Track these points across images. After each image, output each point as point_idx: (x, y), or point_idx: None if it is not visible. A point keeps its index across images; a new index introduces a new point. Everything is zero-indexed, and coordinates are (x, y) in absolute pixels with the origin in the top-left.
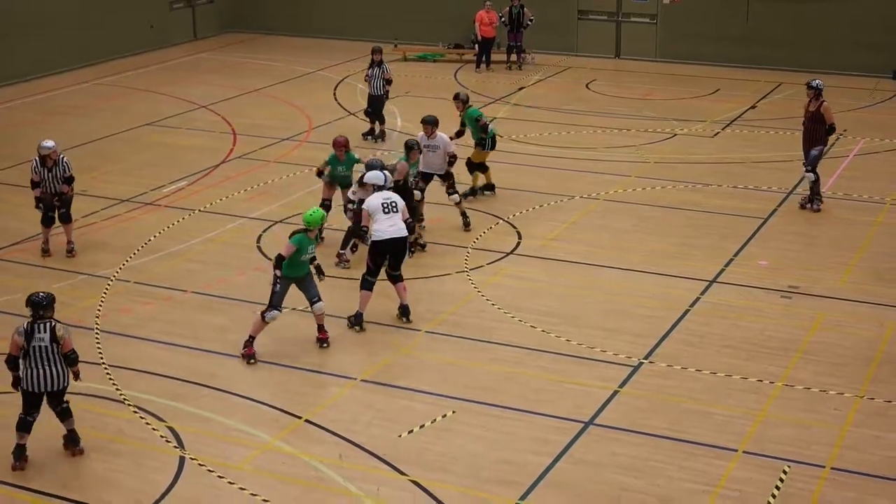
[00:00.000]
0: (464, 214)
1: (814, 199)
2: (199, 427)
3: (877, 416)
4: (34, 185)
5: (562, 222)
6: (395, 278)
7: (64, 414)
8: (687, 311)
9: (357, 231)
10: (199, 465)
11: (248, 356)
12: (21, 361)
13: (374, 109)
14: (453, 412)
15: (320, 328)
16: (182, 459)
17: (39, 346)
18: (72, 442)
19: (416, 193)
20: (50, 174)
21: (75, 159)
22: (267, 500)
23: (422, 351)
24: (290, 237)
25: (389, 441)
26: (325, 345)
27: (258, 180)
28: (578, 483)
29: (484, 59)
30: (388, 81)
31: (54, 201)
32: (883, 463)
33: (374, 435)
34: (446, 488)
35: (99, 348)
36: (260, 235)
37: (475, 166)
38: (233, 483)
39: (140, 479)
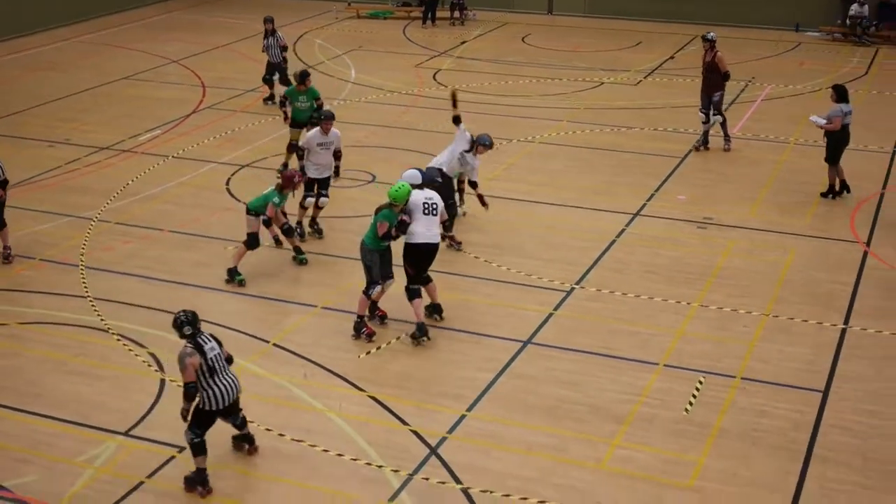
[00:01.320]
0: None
1: (727, 139)
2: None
3: (781, 332)
4: None
5: (501, 163)
6: (425, 279)
7: (244, 424)
8: (614, 242)
9: (400, 226)
10: (179, 386)
11: (369, 335)
12: (203, 382)
13: (272, 75)
14: (406, 334)
15: (377, 306)
16: (163, 382)
17: (215, 356)
18: (247, 441)
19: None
20: None
21: (58, 111)
22: None
23: None
24: (376, 213)
25: (350, 361)
26: (385, 320)
27: (226, 128)
28: (519, 395)
29: (429, 16)
30: (284, 48)
31: None
32: (786, 373)
33: (336, 356)
34: (402, 403)
35: (84, 283)
36: (229, 178)
37: (294, 146)
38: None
39: (125, 401)
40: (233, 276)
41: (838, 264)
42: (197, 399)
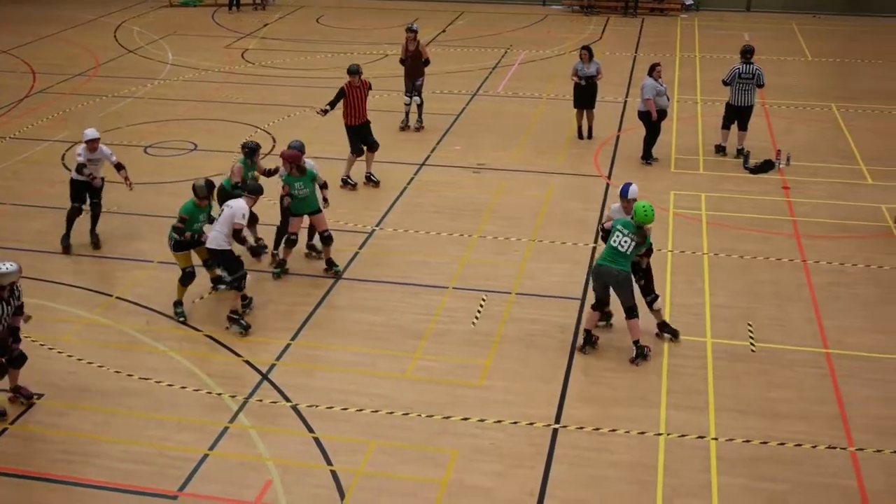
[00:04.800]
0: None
1: (419, 120)
2: (30, 312)
3: (545, 253)
4: None
5: (306, 128)
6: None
7: None
8: (405, 188)
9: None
10: (32, 341)
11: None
12: None
13: None
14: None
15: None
16: None
17: None
18: None
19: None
20: None
21: None
22: (91, 363)
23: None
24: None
25: (185, 307)
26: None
27: (57, 110)
28: (335, 322)
29: (235, 2)
30: None
31: None
32: (551, 286)
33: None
34: (235, 339)
35: None
36: (63, 154)
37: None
38: (62, 352)
39: None
40: (280, 267)
41: (587, 195)
42: None
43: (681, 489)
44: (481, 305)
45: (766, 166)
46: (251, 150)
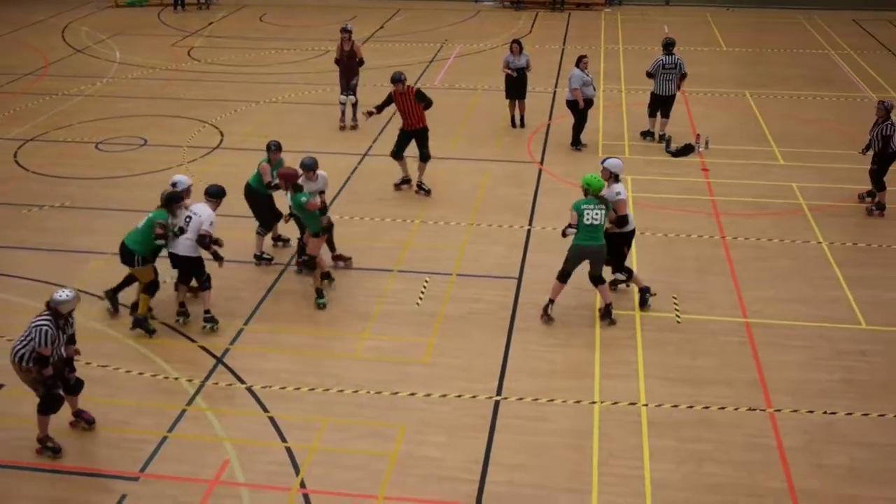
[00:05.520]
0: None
1: (354, 118)
2: None
3: (483, 236)
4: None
5: (252, 122)
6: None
7: None
8: (349, 177)
9: (621, 221)
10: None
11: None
12: None
13: None
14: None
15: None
16: None
17: None
18: None
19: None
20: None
21: None
22: None
23: None
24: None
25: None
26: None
27: (9, 108)
28: (287, 307)
29: (180, 1)
30: None
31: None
32: (490, 267)
33: (129, 294)
34: (188, 326)
35: None
36: (16, 151)
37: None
38: (10, 340)
39: None
40: (320, 294)
41: (521, 180)
42: None
43: (615, 452)
44: (424, 287)
45: (687, 150)
46: (268, 149)
